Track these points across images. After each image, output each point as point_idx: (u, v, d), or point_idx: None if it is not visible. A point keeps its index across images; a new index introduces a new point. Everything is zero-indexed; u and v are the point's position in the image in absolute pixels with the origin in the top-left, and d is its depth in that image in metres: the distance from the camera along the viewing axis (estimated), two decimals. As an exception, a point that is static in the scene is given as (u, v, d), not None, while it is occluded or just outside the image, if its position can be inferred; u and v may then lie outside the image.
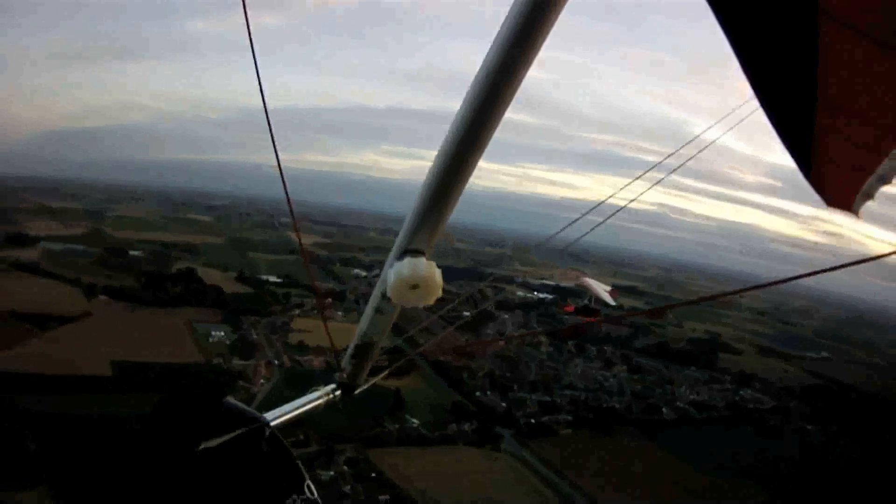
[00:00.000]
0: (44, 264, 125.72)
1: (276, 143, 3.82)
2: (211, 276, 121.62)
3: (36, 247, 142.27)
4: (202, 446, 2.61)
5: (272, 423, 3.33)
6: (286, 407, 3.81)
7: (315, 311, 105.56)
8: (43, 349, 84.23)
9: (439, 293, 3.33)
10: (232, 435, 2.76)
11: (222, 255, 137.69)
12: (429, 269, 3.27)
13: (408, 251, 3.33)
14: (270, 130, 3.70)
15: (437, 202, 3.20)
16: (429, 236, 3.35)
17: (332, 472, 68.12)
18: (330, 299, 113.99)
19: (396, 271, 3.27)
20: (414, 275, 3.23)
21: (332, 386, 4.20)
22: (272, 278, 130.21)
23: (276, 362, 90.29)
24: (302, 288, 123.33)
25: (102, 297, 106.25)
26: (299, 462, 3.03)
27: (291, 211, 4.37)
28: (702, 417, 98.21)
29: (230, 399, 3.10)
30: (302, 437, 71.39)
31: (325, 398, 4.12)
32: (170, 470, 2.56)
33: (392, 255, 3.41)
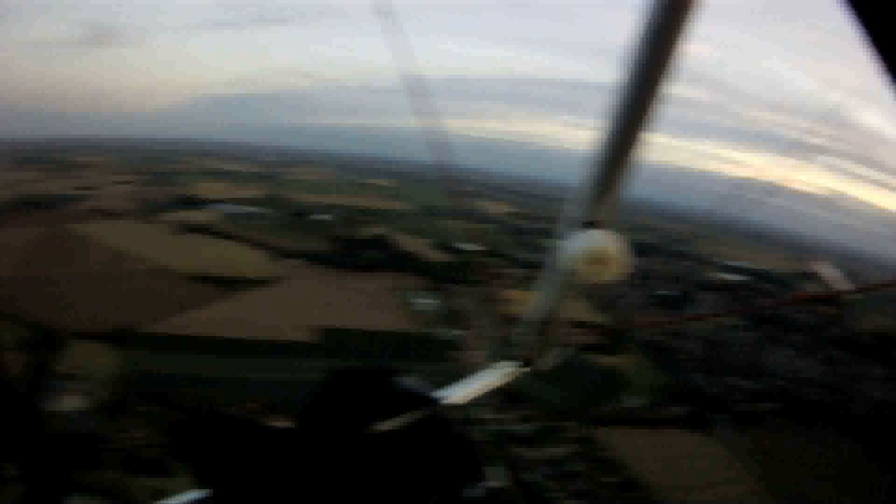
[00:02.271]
0: (220, 226, 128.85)
1: (419, 110, 3.82)
2: (405, 242, 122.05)
3: (208, 208, 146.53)
4: (371, 430, 2.34)
5: (449, 402, 3.21)
6: (461, 386, 3.74)
7: (520, 283, 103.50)
8: (228, 313, 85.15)
9: (623, 268, 3.02)
10: (402, 419, 2.44)
11: (411, 221, 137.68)
12: (610, 242, 3.00)
13: (585, 222, 3.11)
14: (411, 97, 3.67)
15: (613, 166, 2.97)
16: (607, 204, 3.10)
17: (558, 450, 67.84)
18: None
19: (574, 243, 3.05)
20: (594, 247, 2.98)
21: (509, 364, 4.07)
22: (469, 246, 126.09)
23: (487, 333, 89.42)
24: (500, 257, 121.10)
25: (290, 260, 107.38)
26: (475, 448, 2.66)
27: (449, 176, 4.19)
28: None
29: (402, 378, 2.72)
30: (526, 413, 71.74)
31: (502, 377, 4.01)
32: (337, 456, 2.29)
33: (567, 224, 3.20)
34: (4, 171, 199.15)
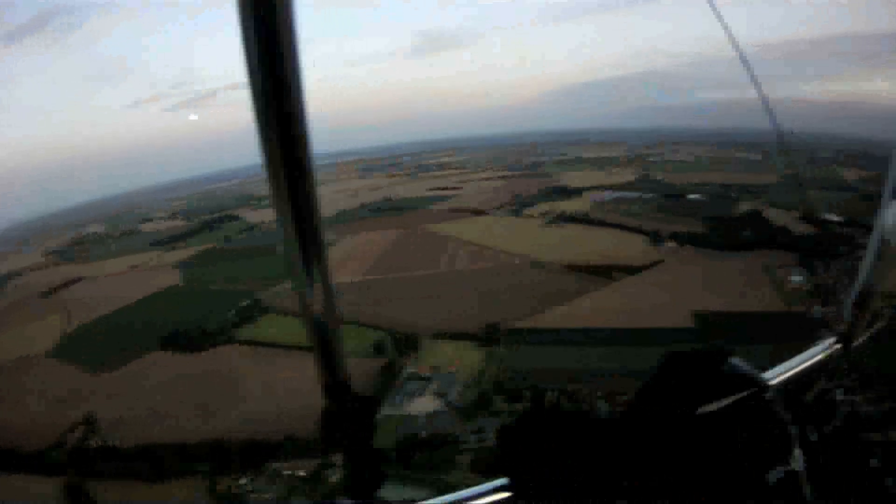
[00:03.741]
0: (594, 214, 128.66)
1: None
2: (774, 216, 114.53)
3: (580, 197, 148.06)
4: (700, 411, 2.44)
5: (773, 383, 3.16)
6: (787, 364, 3.56)
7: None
8: (604, 302, 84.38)
9: None
10: (726, 401, 2.50)
11: (778, 193, 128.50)
12: None
13: None
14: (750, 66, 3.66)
15: None
16: None
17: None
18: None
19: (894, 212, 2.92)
20: None
21: (832, 339, 3.82)
22: (832, 217, 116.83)
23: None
24: (859, 227, 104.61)
25: (670, 244, 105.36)
26: (791, 428, 2.63)
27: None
28: None
29: (735, 359, 2.74)
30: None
31: (824, 353, 3.77)
32: (665, 432, 2.40)
33: (889, 192, 3.09)
34: (356, 181, 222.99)
